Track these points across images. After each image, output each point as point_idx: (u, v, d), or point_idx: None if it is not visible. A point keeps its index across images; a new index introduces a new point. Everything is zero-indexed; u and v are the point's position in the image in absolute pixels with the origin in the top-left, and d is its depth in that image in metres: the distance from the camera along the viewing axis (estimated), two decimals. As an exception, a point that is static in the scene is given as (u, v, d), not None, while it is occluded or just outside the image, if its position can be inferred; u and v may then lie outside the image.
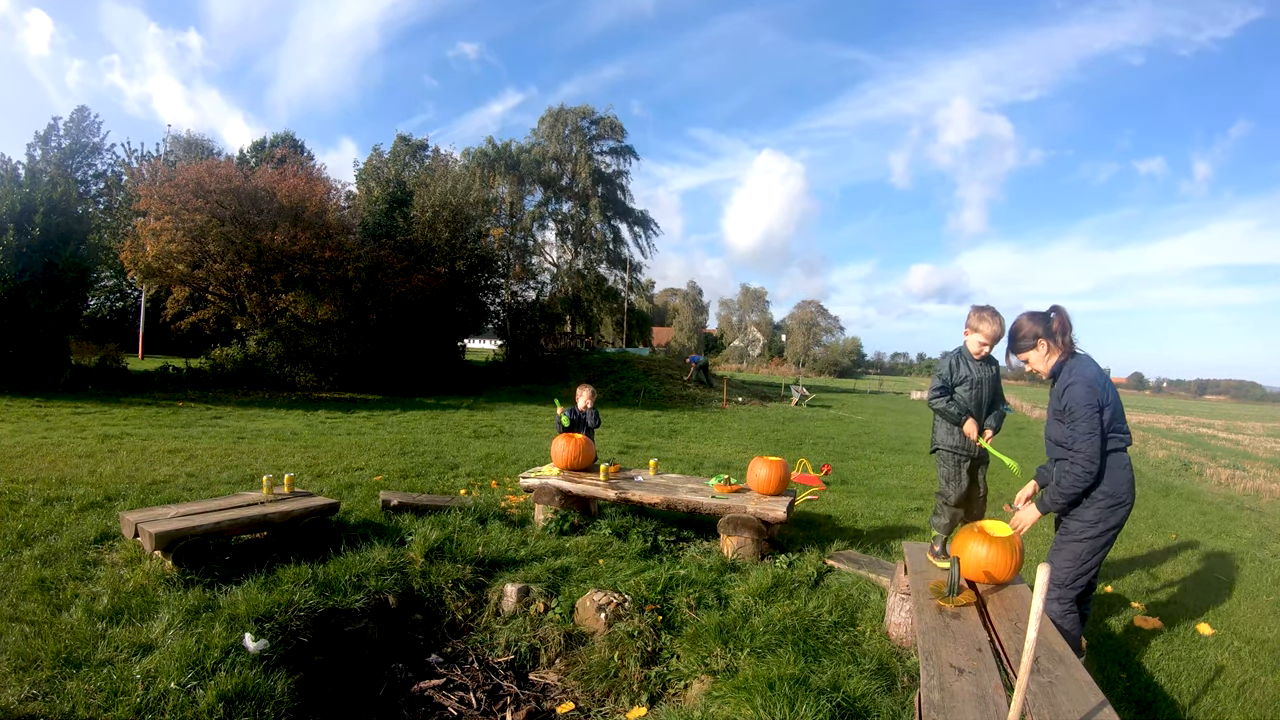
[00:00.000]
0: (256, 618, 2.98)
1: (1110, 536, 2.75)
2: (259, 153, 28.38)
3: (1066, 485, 2.70)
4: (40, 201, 12.40)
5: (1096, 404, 2.65)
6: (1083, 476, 2.66)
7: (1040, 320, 2.82)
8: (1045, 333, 2.81)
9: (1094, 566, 2.80)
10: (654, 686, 3.01)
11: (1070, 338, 2.80)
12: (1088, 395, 2.66)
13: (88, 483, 5.11)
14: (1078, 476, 2.67)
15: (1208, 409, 46.00)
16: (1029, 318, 2.86)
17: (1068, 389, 2.73)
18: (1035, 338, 2.84)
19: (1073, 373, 2.74)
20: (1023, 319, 2.88)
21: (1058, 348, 2.82)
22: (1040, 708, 1.94)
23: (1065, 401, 2.73)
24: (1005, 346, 2.99)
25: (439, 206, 19.96)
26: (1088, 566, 2.78)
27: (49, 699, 2.31)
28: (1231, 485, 9.80)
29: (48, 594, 3.10)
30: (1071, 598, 2.80)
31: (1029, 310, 2.89)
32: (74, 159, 27.44)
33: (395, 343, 17.43)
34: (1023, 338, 2.87)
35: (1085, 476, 2.66)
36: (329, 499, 4.30)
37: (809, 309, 77.40)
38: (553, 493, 4.82)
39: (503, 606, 3.65)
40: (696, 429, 12.74)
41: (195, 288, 16.11)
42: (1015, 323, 2.90)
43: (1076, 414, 2.68)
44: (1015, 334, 2.89)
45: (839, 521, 5.55)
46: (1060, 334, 2.79)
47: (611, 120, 31.26)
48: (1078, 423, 2.67)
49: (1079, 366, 2.75)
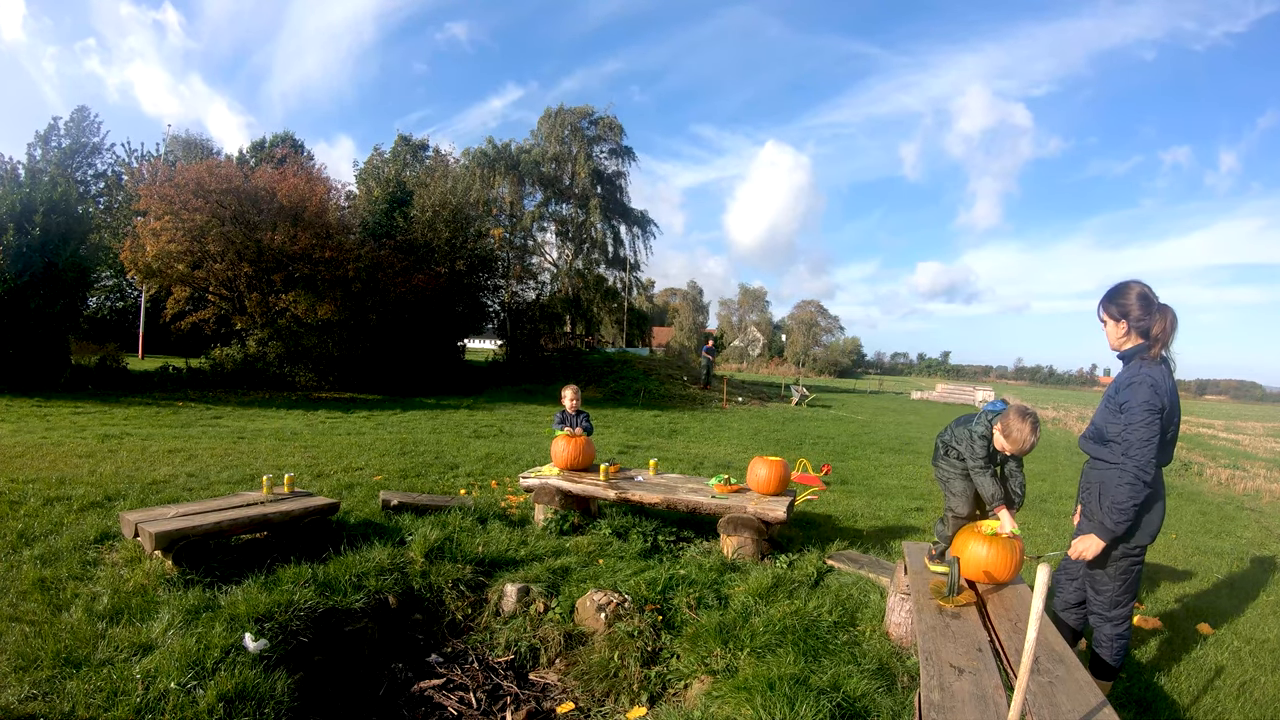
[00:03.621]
0: (256, 618, 2.98)
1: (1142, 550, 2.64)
2: (259, 152, 28.38)
3: (1121, 500, 2.45)
4: (40, 201, 12.40)
5: (1159, 409, 2.43)
6: (1137, 487, 2.42)
7: (1144, 307, 2.56)
8: (1135, 322, 2.57)
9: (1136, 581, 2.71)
10: (654, 686, 3.01)
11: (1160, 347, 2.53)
12: (1151, 398, 2.43)
13: (88, 483, 5.11)
14: (1131, 488, 2.43)
15: (1208, 409, 46.02)
16: (1140, 298, 2.57)
17: (1131, 385, 2.50)
18: (1124, 318, 2.60)
19: (1142, 370, 2.52)
20: (1135, 292, 2.59)
21: (1138, 339, 2.59)
22: (1040, 708, 1.94)
23: (1125, 398, 2.52)
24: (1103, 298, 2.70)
25: (439, 206, 19.95)
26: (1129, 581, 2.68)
27: (49, 699, 2.31)
28: (1231, 485, 9.80)
29: (48, 594, 3.10)
30: (1125, 616, 2.71)
31: (1147, 291, 2.59)
32: (74, 159, 27.44)
33: (395, 343, 17.42)
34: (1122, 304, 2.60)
35: (1139, 487, 2.42)
36: (329, 499, 4.30)
37: (809, 309, 77.48)
38: (553, 493, 4.82)
39: (503, 606, 3.65)
40: (696, 429, 12.73)
41: (195, 288, 16.10)
42: (1126, 288, 2.62)
43: (1134, 417, 2.46)
44: (1117, 295, 2.63)
45: (839, 521, 5.55)
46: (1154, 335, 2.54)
47: (611, 121, 31.23)
48: (1134, 427, 2.45)
49: (1154, 369, 2.52)
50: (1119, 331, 2.64)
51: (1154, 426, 2.43)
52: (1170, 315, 2.54)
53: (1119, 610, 2.71)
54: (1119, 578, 2.68)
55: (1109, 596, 2.71)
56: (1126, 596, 2.71)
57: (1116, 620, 2.72)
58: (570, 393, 5.44)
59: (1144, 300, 2.57)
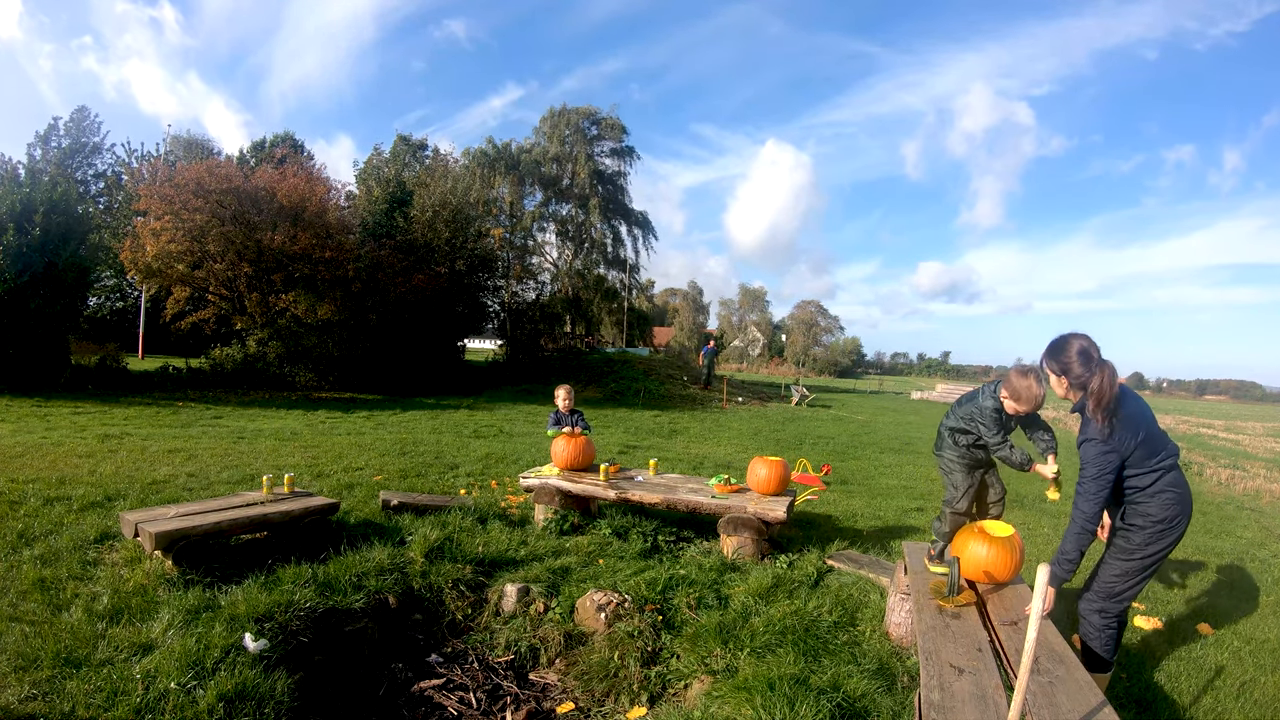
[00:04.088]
0: (256, 617, 2.98)
1: (1158, 558, 2.63)
2: (259, 153, 28.39)
3: (1068, 549, 2.55)
4: (40, 201, 12.40)
5: (1110, 469, 2.51)
6: (1081, 537, 2.53)
7: (1084, 362, 2.57)
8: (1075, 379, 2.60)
9: (1140, 585, 2.71)
10: (654, 686, 3.01)
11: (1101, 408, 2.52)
12: (1100, 457, 2.51)
13: (88, 482, 5.11)
14: (1076, 537, 2.54)
15: (1208, 409, 46.02)
16: (1080, 354, 2.58)
17: (1082, 444, 2.58)
18: (1064, 374, 2.63)
19: (1088, 428, 2.57)
20: (1075, 348, 2.60)
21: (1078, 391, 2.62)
22: (1040, 708, 1.94)
23: (1081, 454, 2.59)
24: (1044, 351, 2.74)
25: (439, 206, 19.95)
26: (1135, 583, 2.69)
27: (49, 699, 2.31)
28: (1231, 485, 9.80)
29: (48, 594, 3.10)
30: (1116, 612, 2.73)
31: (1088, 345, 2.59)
32: (74, 159, 27.47)
33: (395, 343, 17.43)
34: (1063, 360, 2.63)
35: (1084, 536, 2.53)
36: (329, 499, 4.30)
37: (809, 309, 77.48)
38: (553, 493, 4.82)
39: (503, 606, 3.65)
40: (696, 429, 12.73)
41: (195, 288, 16.11)
42: (1066, 343, 2.64)
43: (1085, 470, 2.55)
44: (1058, 352, 2.66)
45: (839, 521, 5.55)
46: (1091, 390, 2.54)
47: (613, 121, 31.24)
48: (1084, 481, 2.54)
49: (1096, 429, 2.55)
50: (1061, 387, 2.69)
51: (1101, 482, 2.52)
52: (1109, 371, 2.54)
53: (1112, 603, 2.71)
54: (1130, 575, 2.68)
55: (1111, 588, 2.71)
56: (1129, 594, 2.70)
57: (1106, 612, 2.72)
58: (564, 392, 5.42)
59: (1084, 356, 2.58)
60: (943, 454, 3.38)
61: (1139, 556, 2.64)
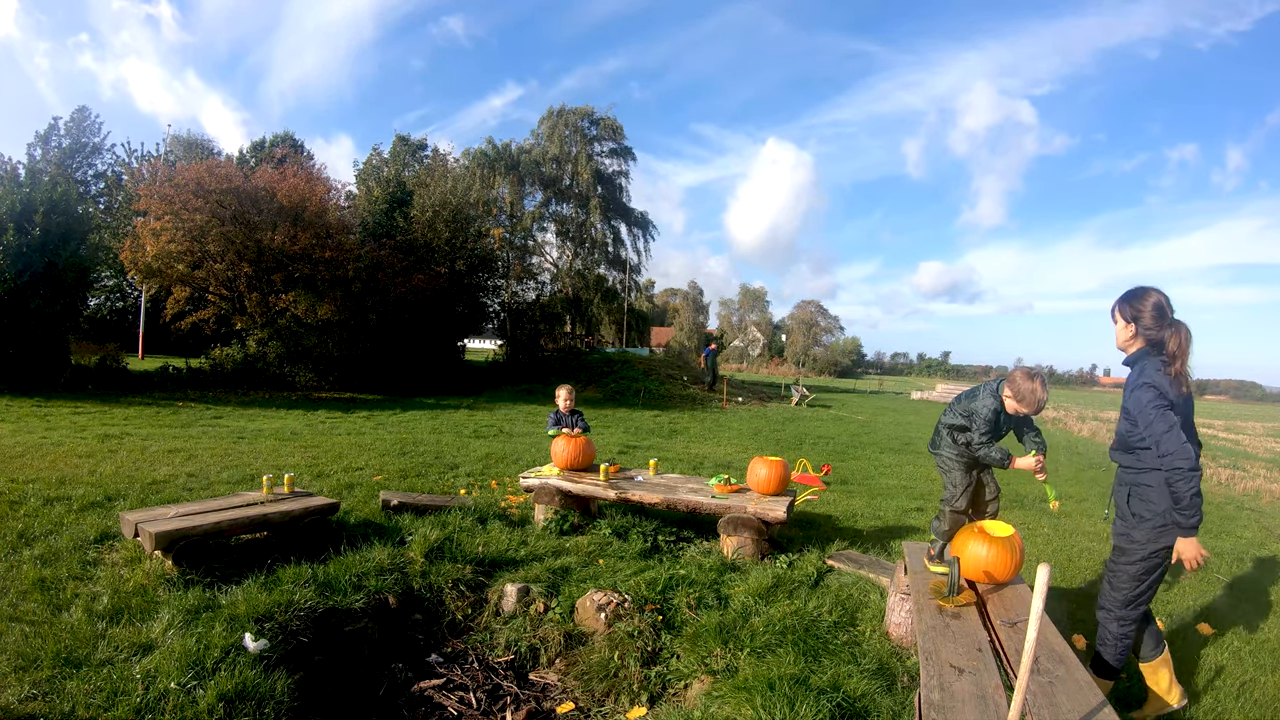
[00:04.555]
0: (256, 617, 2.98)
1: (1164, 556, 2.61)
2: (259, 152, 28.38)
3: (1181, 495, 2.44)
4: (40, 201, 12.41)
5: (1166, 402, 2.47)
6: (1188, 477, 2.41)
7: (1156, 317, 2.59)
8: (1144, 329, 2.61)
9: (1153, 586, 2.69)
10: (654, 686, 3.01)
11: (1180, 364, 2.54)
12: (1154, 396, 2.48)
13: (88, 483, 5.11)
14: (1184, 481, 2.41)
15: (1208, 409, 45.96)
16: (1155, 307, 2.59)
17: (1134, 391, 2.56)
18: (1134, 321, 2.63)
19: (1144, 374, 2.56)
20: (1152, 300, 2.61)
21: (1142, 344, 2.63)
22: (1040, 708, 1.94)
23: (1128, 403, 2.58)
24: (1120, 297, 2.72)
25: (439, 206, 19.95)
26: (1147, 585, 2.67)
27: (49, 699, 2.31)
28: (1231, 485, 9.79)
29: (48, 594, 3.10)
30: (1134, 618, 2.70)
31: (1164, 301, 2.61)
32: (74, 159, 27.49)
33: (395, 343, 17.43)
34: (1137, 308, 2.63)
35: (1189, 474, 2.41)
36: (329, 499, 4.30)
37: (809, 309, 77.47)
38: (553, 493, 4.82)
39: (503, 606, 3.65)
40: (696, 429, 12.73)
41: (195, 288, 16.11)
42: (1145, 293, 2.64)
43: (1147, 416, 2.49)
44: (1134, 299, 2.65)
45: (839, 521, 5.55)
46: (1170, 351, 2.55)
47: (612, 121, 31.27)
48: (1153, 424, 2.47)
49: (1153, 373, 2.54)
50: (1126, 334, 2.69)
51: (1169, 417, 2.45)
52: (1184, 331, 2.57)
53: (1130, 610, 2.70)
54: (1140, 578, 2.66)
55: (1125, 594, 2.69)
56: (1143, 597, 2.69)
57: (1124, 620, 2.71)
58: (565, 392, 5.43)
59: (1158, 311, 2.60)
60: (940, 452, 3.39)
61: (1142, 557, 2.63)
